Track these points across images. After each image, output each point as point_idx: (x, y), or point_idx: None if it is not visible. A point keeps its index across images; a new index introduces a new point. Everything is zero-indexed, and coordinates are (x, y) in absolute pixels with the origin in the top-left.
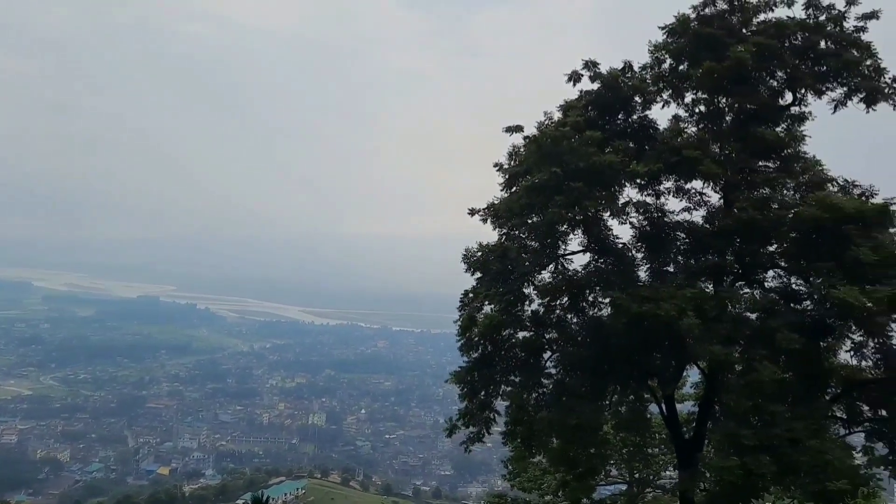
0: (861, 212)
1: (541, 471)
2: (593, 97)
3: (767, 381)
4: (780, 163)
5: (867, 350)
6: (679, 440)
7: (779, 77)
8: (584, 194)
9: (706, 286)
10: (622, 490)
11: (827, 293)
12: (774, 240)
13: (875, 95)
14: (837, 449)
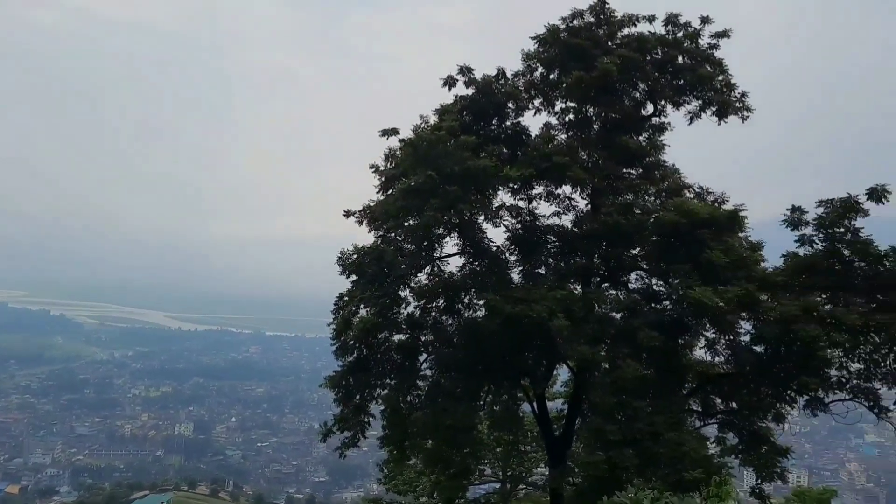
0: (714, 217)
1: (416, 473)
2: (468, 102)
3: (630, 378)
4: (643, 170)
5: (719, 346)
6: (550, 437)
7: (641, 89)
8: (460, 198)
9: (575, 288)
10: (496, 488)
11: (684, 293)
12: (637, 243)
13: (726, 109)
14: (693, 440)
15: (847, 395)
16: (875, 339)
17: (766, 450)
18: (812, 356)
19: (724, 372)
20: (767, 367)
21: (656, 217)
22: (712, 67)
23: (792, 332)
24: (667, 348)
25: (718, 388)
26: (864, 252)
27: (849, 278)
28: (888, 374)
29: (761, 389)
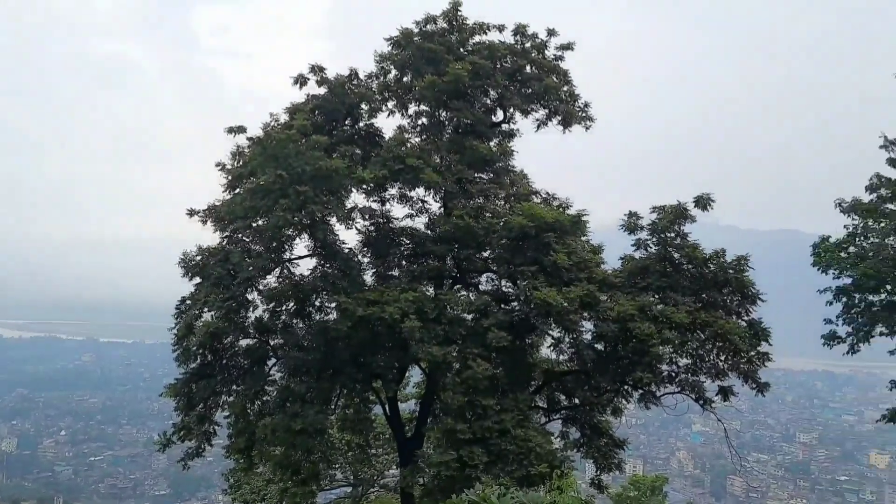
0: (559, 221)
1: (264, 481)
2: (320, 102)
3: (480, 378)
4: (493, 175)
5: (564, 345)
6: (401, 439)
7: (492, 96)
8: (311, 198)
9: (427, 289)
10: (347, 493)
11: (531, 294)
12: (488, 246)
13: (570, 118)
14: (539, 436)
15: (676, 388)
16: (700, 335)
17: (605, 442)
18: (646, 352)
19: (567, 369)
20: (607, 363)
21: (506, 221)
22: (558, 78)
23: (628, 330)
24: (515, 348)
25: (563, 385)
26: (691, 255)
27: (678, 279)
28: (712, 368)
29: (601, 385)
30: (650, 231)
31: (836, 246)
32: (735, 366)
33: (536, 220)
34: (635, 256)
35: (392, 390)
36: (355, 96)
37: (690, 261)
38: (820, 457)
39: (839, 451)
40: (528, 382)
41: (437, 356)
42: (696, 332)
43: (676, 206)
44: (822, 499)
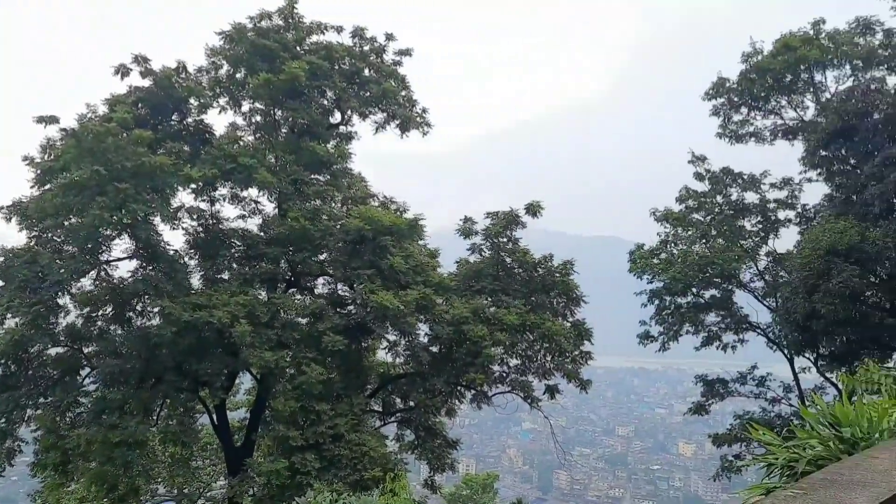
0: (396, 225)
1: (77, 500)
2: (144, 94)
3: (315, 382)
4: (330, 177)
5: (400, 348)
6: (229, 448)
7: (329, 97)
8: (132, 196)
9: (260, 293)
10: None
11: (367, 298)
12: (324, 249)
13: (408, 123)
14: (373, 440)
15: (507, 388)
16: (530, 336)
17: (438, 443)
18: (479, 354)
19: (403, 372)
20: (441, 365)
21: (343, 223)
22: (396, 83)
23: (463, 332)
24: (351, 351)
25: (398, 388)
26: (522, 260)
27: (510, 283)
28: (540, 367)
29: (436, 387)
30: (484, 236)
31: (649, 253)
32: (560, 365)
33: (374, 224)
34: (470, 260)
35: (220, 398)
36: (183, 90)
37: (521, 265)
38: (636, 448)
39: (652, 442)
40: (363, 386)
41: (269, 361)
42: (526, 334)
43: (509, 213)
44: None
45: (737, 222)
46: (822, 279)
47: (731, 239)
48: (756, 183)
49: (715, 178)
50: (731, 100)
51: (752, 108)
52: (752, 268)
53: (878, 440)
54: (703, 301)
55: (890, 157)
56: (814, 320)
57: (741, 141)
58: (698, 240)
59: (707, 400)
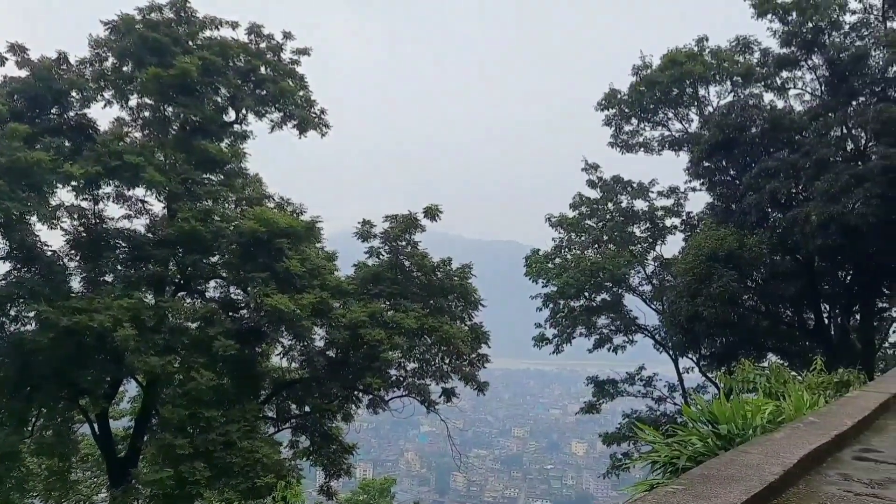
0: (293, 227)
1: None
2: (21, 85)
3: (205, 388)
4: (224, 177)
5: (295, 352)
6: (112, 459)
7: (223, 94)
8: (6, 194)
9: (146, 296)
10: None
11: (261, 301)
12: (216, 251)
13: (306, 123)
14: (266, 446)
15: (404, 392)
16: (427, 340)
17: (335, 449)
18: (376, 358)
19: (298, 377)
20: (338, 370)
21: (236, 225)
22: (294, 82)
23: (360, 336)
24: (243, 356)
25: (293, 393)
26: (420, 264)
27: (408, 286)
28: (437, 371)
29: (332, 391)
30: (383, 239)
31: (544, 258)
32: (458, 368)
33: (269, 226)
34: (368, 264)
35: (101, 407)
36: (65, 82)
37: (420, 268)
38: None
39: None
40: (256, 392)
41: (155, 367)
42: (424, 337)
43: (408, 216)
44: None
45: (627, 228)
46: (703, 283)
47: (622, 244)
48: (645, 191)
49: (607, 185)
50: (622, 111)
51: (642, 120)
52: (640, 272)
53: (752, 436)
54: (595, 304)
55: (765, 169)
56: (696, 322)
57: (631, 150)
58: (591, 245)
59: (598, 400)
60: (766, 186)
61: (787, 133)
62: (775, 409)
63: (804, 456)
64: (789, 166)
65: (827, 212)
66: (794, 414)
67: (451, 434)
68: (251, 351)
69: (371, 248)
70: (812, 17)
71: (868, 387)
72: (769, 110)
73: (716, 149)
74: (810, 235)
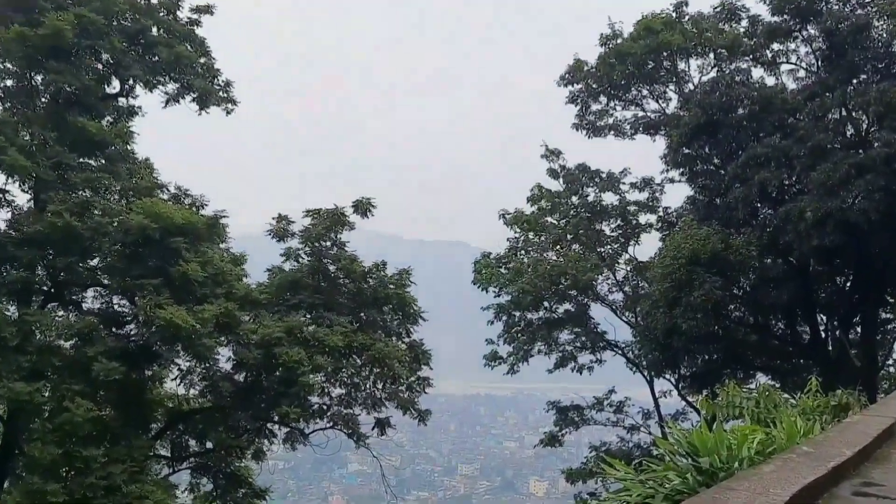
0: (191, 223)
1: None
2: None
3: (81, 421)
4: (106, 161)
5: (194, 376)
6: None
7: (105, 60)
8: None
9: (8, 308)
10: None
11: (152, 314)
12: (96, 252)
13: (208, 97)
14: (160, 490)
15: (328, 423)
16: (357, 360)
17: (244, 493)
18: (294, 382)
19: (199, 406)
20: (247, 397)
21: (121, 220)
22: (193, 47)
23: (274, 356)
24: (130, 382)
25: (192, 427)
26: (349, 269)
27: (334, 296)
28: (368, 397)
29: (241, 424)
30: (303, 239)
31: (496, 261)
32: (394, 394)
33: (162, 221)
34: (285, 269)
35: None
36: None
37: (348, 274)
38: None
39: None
40: (147, 425)
41: (20, 395)
42: (352, 357)
43: (333, 212)
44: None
45: (594, 226)
46: (683, 291)
47: (588, 245)
48: (615, 182)
49: (571, 175)
50: (588, 86)
51: (612, 97)
52: (610, 278)
53: (738, 469)
54: (556, 316)
55: (754, 157)
56: (675, 337)
57: (600, 134)
58: (552, 246)
59: (560, 430)
60: (755, 177)
61: (778, 115)
62: (765, 438)
63: (797, 493)
64: (781, 154)
65: (824, 207)
66: (785, 443)
67: (386, 473)
68: (140, 375)
69: (288, 250)
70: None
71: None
72: (758, 88)
73: (697, 132)
74: (805, 234)
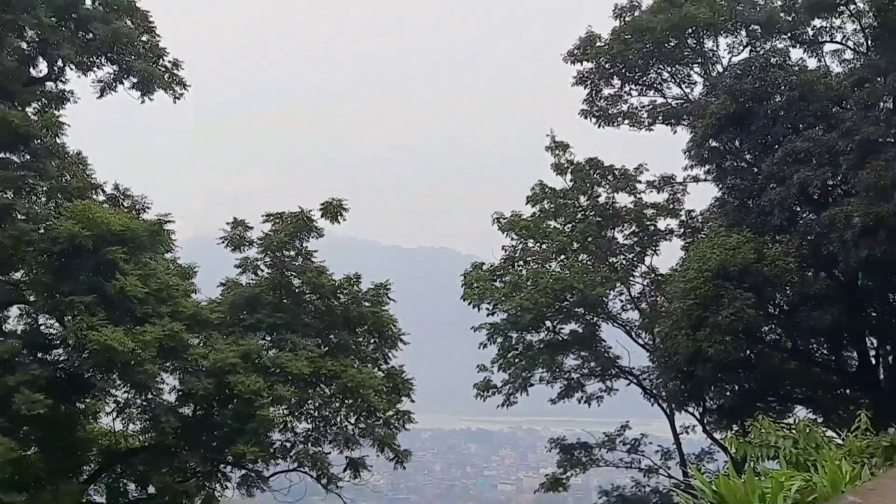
0: (131, 230)
1: None
2: None
3: (1, 463)
4: (30, 157)
5: (134, 410)
6: None
7: (31, 38)
8: None
9: None
10: None
11: (85, 336)
12: (19, 263)
13: (151, 81)
14: None
15: (292, 464)
16: (325, 391)
17: None
18: (252, 416)
19: (140, 444)
20: (197, 433)
21: (49, 227)
22: (134, 22)
23: (228, 385)
24: (59, 416)
25: (132, 468)
26: (316, 283)
27: (299, 315)
28: (339, 433)
29: (188, 465)
30: (262, 248)
31: (490, 273)
32: (369, 430)
33: (95, 228)
34: (242, 282)
35: None
36: None
37: (315, 289)
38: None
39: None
40: (77, 467)
41: None
42: (320, 387)
43: (298, 215)
44: None
45: (605, 232)
46: (709, 310)
47: (598, 255)
48: (630, 181)
49: (579, 172)
50: (600, 66)
51: (627, 80)
52: (624, 293)
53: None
54: (560, 338)
55: (793, 153)
56: (699, 364)
57: (612, 123)
58: (555, 255)
59: (565, 471)
60: (794, 176)
61: (821, 104)
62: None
63: None
64: (825, 149)
65: (875, 211)
66: (829, 492)
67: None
68: (70, 408)
69: (245, 261)
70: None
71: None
72: (798, 72)
73: (727, 123)
74: (852, 244)
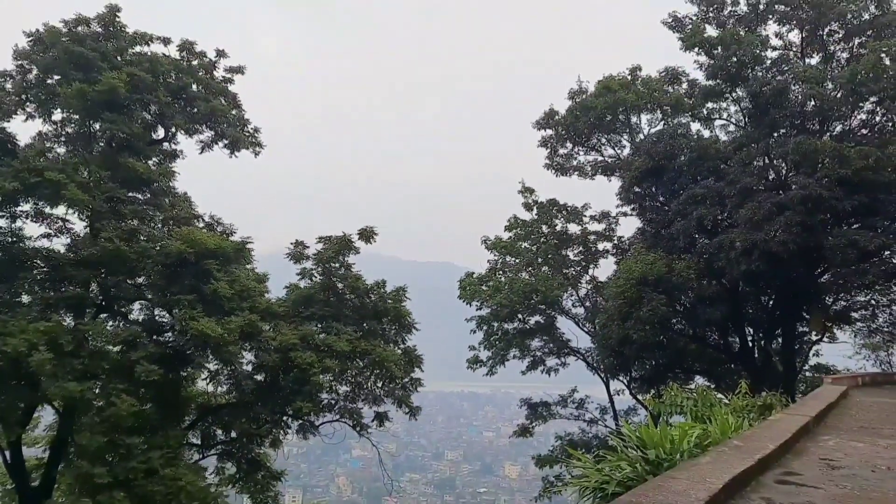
0: (222, 248)
1: None
2: None
3: (125, 415)
4: (151, 195)
5: (222, 377)
6: (24, 489)
7: (153, 111)
8: None
9: (66, 319)
10: None
11: (187, 324)
12: (141, 272)
13: (238, 143)
14: (191, 473)
15: (335, 416)
16: (360, 363)
17: (262, 475)
18: (307, 381)
19: (225, 402)
20: (267, 394)
21: (162, 245)
22: (226, 101)
23: (290, 359)
24: (167, 381)
25: (219, 419)
26: (354, 286)
27: (341, 309)
28: (369, 394)
29: (261, 417)
30: (315, 261)
31: (478, 280)
32: (391, 392)
33: (196, 246)
34: (301, 286)
35: (15, 434)
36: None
37: (353, 291)
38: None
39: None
40: (180, 418)
41: (73, 393)
42: (356, 360)
43: (342, 238)
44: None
45: (561, 251)
46: (634, 307)
47: (556, 267)
48: (578, 215)
49: (542, 208)
50: (558, 133)
51: (577, 144)
52: (573, 295)
53: (679, 460)
54: (528, 327)
55: (693, 196)
56: (627, 345)
57: (566, 174)
58: (525, 267)
59: (531, 422)
60: (694, 213)
61: (713, 162)
62: (702, 433)
63: (729, 481)
64: (715, 194)
65: (750, 238)
66: (719, 437)
67: (383, 458)
68: (176, 375)
69: (303, 270)
70: (736, 52)
71: (789, 410)
72: (696, 139)
73: (646, 175)
74: (735, 261)
